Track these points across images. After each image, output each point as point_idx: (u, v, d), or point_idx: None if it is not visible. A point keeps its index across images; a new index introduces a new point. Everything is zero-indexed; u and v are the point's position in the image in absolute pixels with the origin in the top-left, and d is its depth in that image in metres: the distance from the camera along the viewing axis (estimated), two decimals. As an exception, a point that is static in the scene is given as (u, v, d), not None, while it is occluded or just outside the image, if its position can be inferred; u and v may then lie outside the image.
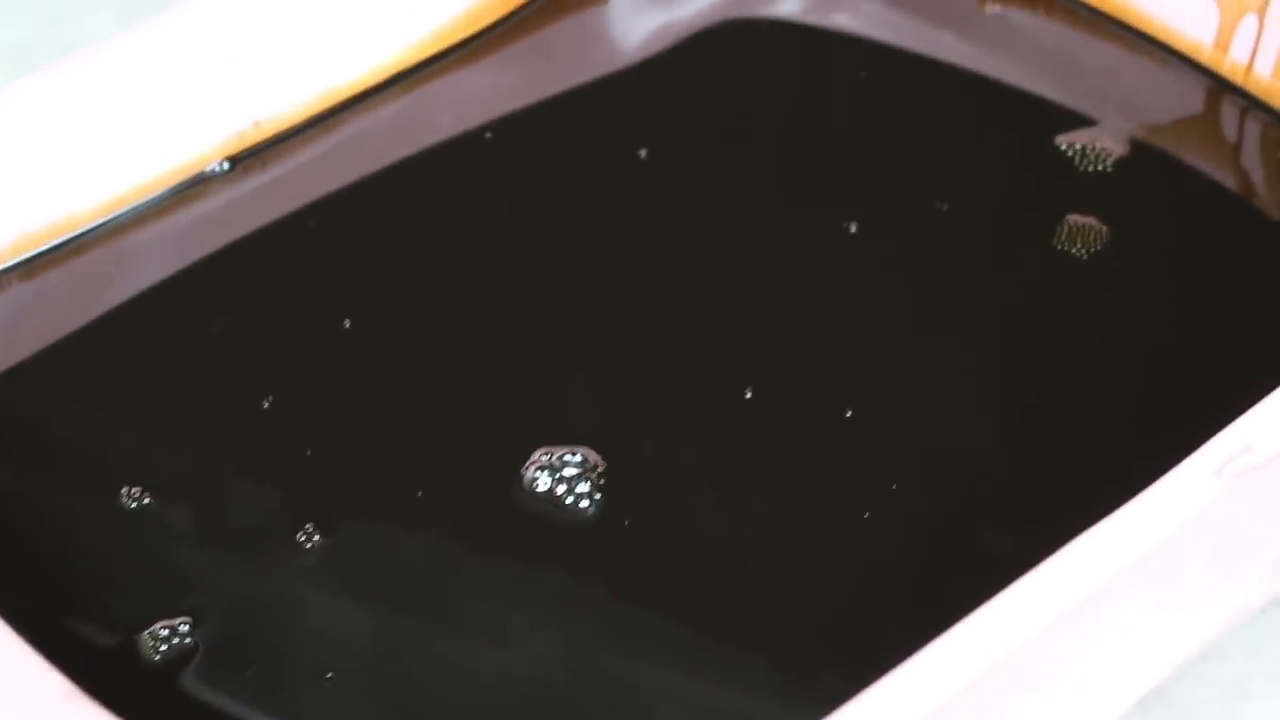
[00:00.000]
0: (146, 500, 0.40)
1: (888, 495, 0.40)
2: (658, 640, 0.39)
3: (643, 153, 0.48)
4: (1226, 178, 0.49)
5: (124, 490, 0.40)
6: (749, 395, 0.42)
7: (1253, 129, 0.49)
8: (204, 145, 0.48)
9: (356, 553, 0.40)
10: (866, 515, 0.40)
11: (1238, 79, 0.49)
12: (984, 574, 0.36)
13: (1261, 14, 0.48)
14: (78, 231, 0.46)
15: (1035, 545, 0.35)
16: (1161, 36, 0.51)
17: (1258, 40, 0.49)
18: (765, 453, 0.42)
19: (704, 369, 0.43)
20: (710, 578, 0.40)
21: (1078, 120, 0.49)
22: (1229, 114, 0.50)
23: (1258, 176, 0.49)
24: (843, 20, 0.53)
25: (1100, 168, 0.47)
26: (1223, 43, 0.49)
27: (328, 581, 0.39)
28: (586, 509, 0.40)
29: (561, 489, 0.40)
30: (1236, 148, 0.49)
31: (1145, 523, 0.35)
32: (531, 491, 0.40)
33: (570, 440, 0.41)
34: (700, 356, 0.44)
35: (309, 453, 0.42)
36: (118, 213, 0.47)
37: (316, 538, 0.40)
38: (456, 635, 0.39)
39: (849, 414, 0.42)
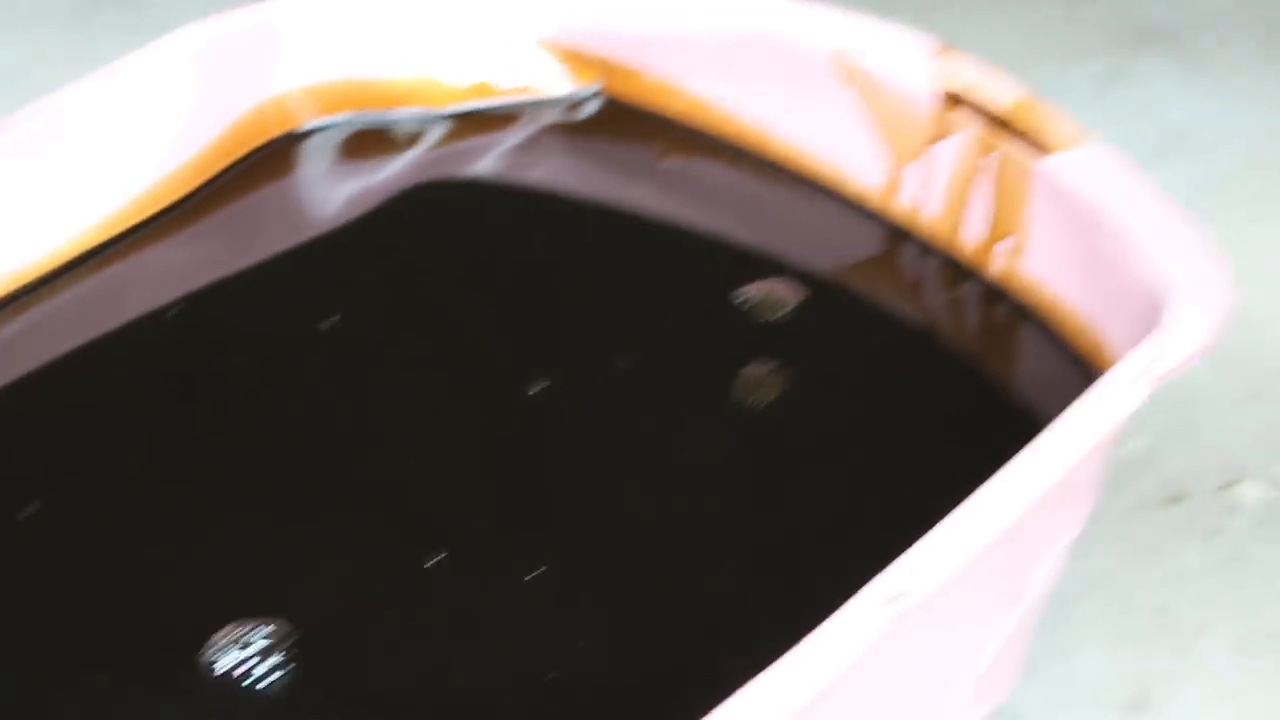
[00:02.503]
0: None
1: (570, 653, 0.41)
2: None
3: (334, 320, 0.49)
4: (907, 316, 0.50)
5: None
6: (440, 559, 0.43)
7: (930, 267, 0.51)
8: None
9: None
10: (551, 676, 0.40)
11: (906, 223, 0.51)
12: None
13: (926, 160, 0.50)
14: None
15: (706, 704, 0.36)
16: (835, 185, 0.52)
17: (925, 186, 0.51)
18: (458, 616, 0.42)
19: (391, 535, 0.43)
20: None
21: (761, 265, 0.50)
22: (907, 254, 0.51)
23: (938, 314, 0.51)
24: (538, 175, 0.54)
25: (778, 315, 0.49)
26: (892, 188, 0.51)
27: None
28: (271, 688, 0.40)
29: (253, 662, 0.40)
30: (915, 287, 0.51)
31: (807, 665, 0.35)
32: (213, 673, 0.40)
33: (255, 614, 0.41)
34: (386, 522, 0.44)
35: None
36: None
37: None
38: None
39: (542, 569, 0.42)
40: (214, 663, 0.40)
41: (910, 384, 0.48)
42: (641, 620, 0.42)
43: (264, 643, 0.40)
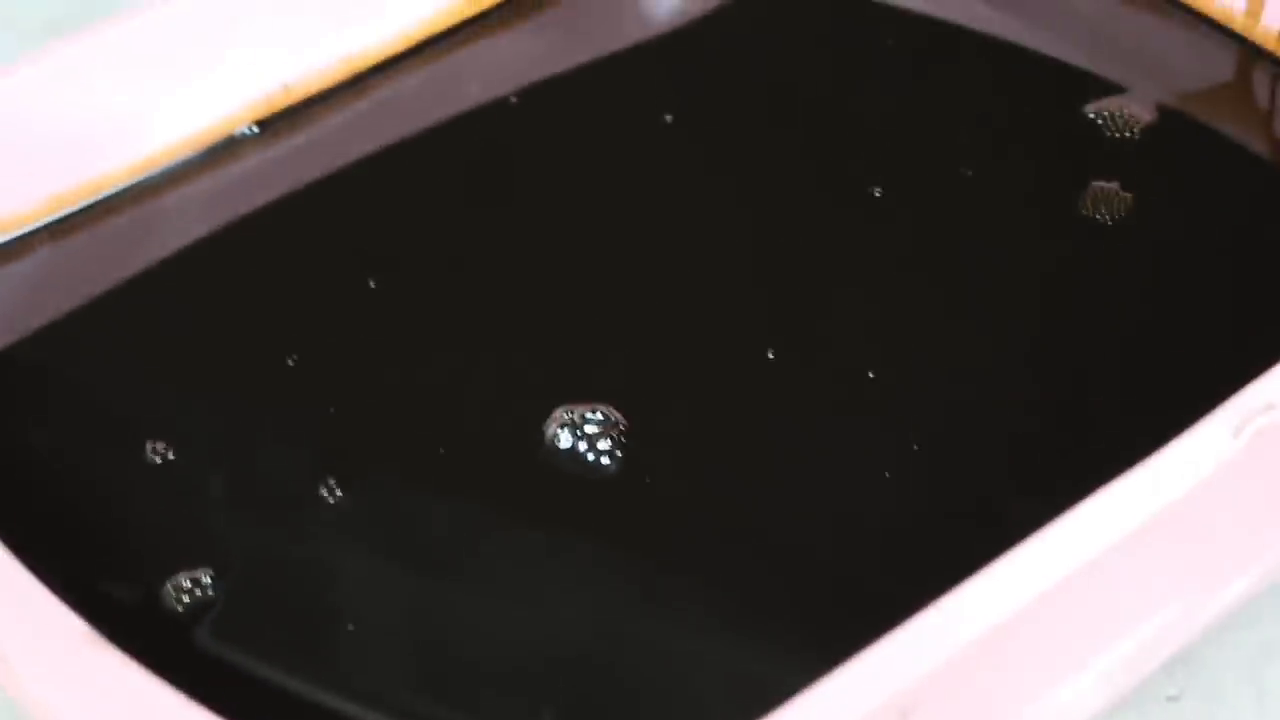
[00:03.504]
0: (171, 455, 0.41)
1: (909, 456, 0.40)
2: (679, 597, 0.39)
3: (669, 118, 0.48)
4: (1256, 144, 0.48)
5: (149, 445, 0.41)
6: (771, 356, 0.42)
7: (1284, 95, 0.49)
8: (233, 108, 0.48)
9: (379, 508, 0.40)
10: (887, 475, 0.40)
11: (1269, 45, 0.49)
12: (1003, 532, 0.36)
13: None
14: (107, 193, 0.47)
15: (1055, 505, 0.36)
16: (1193, 3, 0.50)
17: (1289, 8, 0.49)
18: (786, 413, 0.42)
19: (726, 330, 0.43)
20: (730, 535, 0.40)
21: (1107, 88, 0.49)
22: (1260, 81, 0.49)
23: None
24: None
25: (1128, 134, 0.47)
26: (1254, 10, 0.49)
27: (349, 536, 0.39)
28: (608, 466, 0.40)
29: (584, 446, 0.40)
30: (1268, 115, 0.49)
31: (1161, 480, 0.35)
32: (554, 448, 0.41)
33: (593, 398, 0.41)
34: (723, 317, 0.44)
35: (332, 410, 0.42)
36: (147, 174, 0.47)
37: (339, 493, 0.40)
38: (477, 589, 0.39)
39: (871, 375, 0.42)
40: (556, 439, 0.41)
41: (1261, 214, 0.46)
42: (981, 422, 0.41)
43: (595, 427, 0.41)
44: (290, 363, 0.43)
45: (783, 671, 0.37)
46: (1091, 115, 0.48)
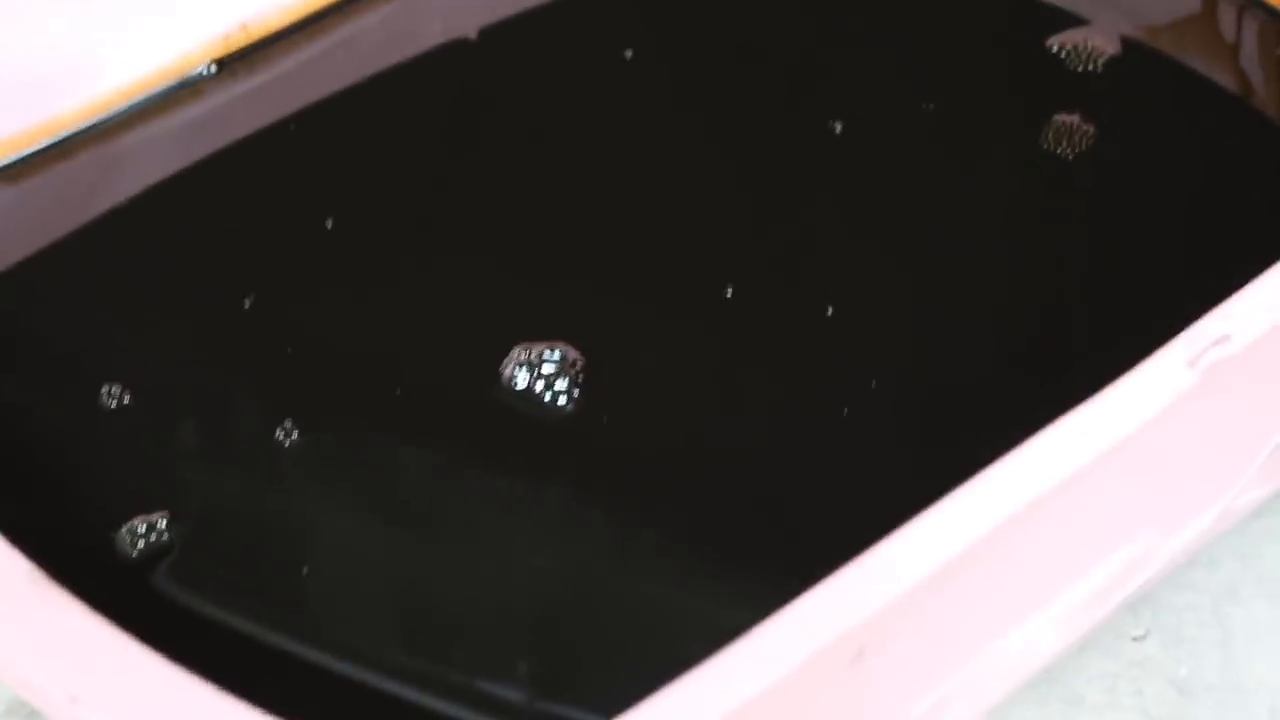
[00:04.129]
0: (127, 399, 0.40)
1: (867, 392, 0.40)
2: (637, 538, 0.39)
3: (628, 54, 0.48)
4: (1220, 77, 0.48)
5: (105, 389, 0.40)
6: (729, 293, 0.42)
7: (1250, 25, 0.49)
8: (191, 48, 0.48)
9: (335, 451, 0.40)
10: (846, 411, 0.40)
11: (1234, -24, 0.49)
12: (959, 467, 0.36)
13: (1258, -91, 0.48)
14: (63, 134, 0.46)
15: (1011, 439, 0.35)
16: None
17: (1254, -63, 0.48)
18: (744, 350, 0.42)
19: (684, 267, 0.43)
20: (687, 475, 0.40)
21: (1071, 20, 0.48)
22: (1225, 12, 0.49)
23: (1255, 75, 0.48)
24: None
25: (1091, 68, 0.47)
26: (1219, -60, 0.49)
27: (305, 478, 0.39)
28: (565, 405, 0.40)
29: (540, 385, 0.40)
30: (1233, 47, 0.49)
31: (1116, 411, 0.34)
32: (510, 388, 0.40)
33: (549, 337, 0.41)
34: (681, 255, 0.44)
35: (289, 350, 0.42)
36: (104, 115, 0.47)
37: (295, 435, 0.40)
38: (434, 533, 0.39)
39: (830, 312, 0.42)
40: (513, 379, 0.40)
41: (1226, 147, 0.46)
42: (938, 356, 0.41)
43: (552, 367, 0.40)
44: (247, 305, 0.42)
45: (740, 608, 0.37)
46: (1054, 48, 0.47)
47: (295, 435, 0.40)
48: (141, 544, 0.38)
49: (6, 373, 0.42)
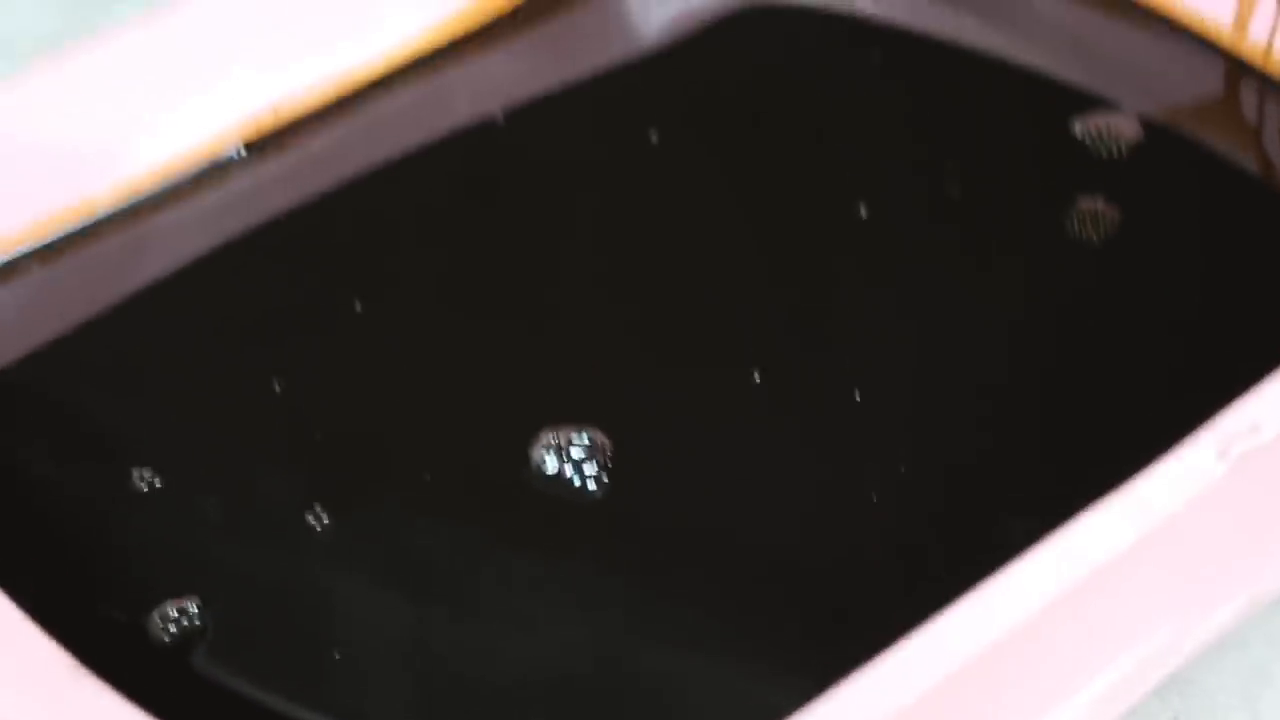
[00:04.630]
0: (158, 483, 0.41)
1: (896, 478, 0.40)
2: (669, 621, 0.39)
3: (654, 137, 0.48)
4: (1246, 160, 0.48)
5: (136, 472, 0.41)
6: (757, 378, 0.42)
7: (1273, 111, 0.49)
8: (222, 131, 0.48)
9: (366, 534, 0.40)
10: (875, 498, 0.40)
11: (1257, 60, 0.49)
12: (990, 553, 0.36)
13: (1281, -6, 0.48)
14: (96, 217, 0.47)
15: (1042, 527, 0.36)
16: (1180, 18, 0.50)
17: (1277, 20, 0.48)
18: (772, 434, 0.42)
19: (712, 351, 0.43)
20: (719, 559, 0.40)
21: (1095, 103, 0.49)
22: (1248, 96, 0.49)
23: (1278, 159, 0.49)
24: (864, 4, 0.53)
25: (1115, 152, 0.47)
26: (1242, 23, 0.49)
27: (337, 563, 0.39)
28: (594, 491, 0.40)
29: (569, 470, 0.40)
30: (1256, 130, 0.49)
31: (1147, 502, 0.35)
32: (540, 473, 0.41)
33: (577, 419, 0.41)
34: (708, 339, 0.44)
35: (319, 436, 0.42)
36: (135, 198, 0.47)
37: (326, 520, 0.40)
38: (465, 615, 0.39)
39: (858, 397, 0.42)
40: (543, 463, 0.41)
41: (1250, 232, 0.46)
42: (967, 443, 0.41)
43: (581, 451, 0.41)
44: (277, 388, 0.43)
45: (774, 695, 0.37)
46: (1078, 132, 0.48)
47: (326, 520, 0.40)
48: (174, 629, 0.38)
49: (38, 455, 0.42)
